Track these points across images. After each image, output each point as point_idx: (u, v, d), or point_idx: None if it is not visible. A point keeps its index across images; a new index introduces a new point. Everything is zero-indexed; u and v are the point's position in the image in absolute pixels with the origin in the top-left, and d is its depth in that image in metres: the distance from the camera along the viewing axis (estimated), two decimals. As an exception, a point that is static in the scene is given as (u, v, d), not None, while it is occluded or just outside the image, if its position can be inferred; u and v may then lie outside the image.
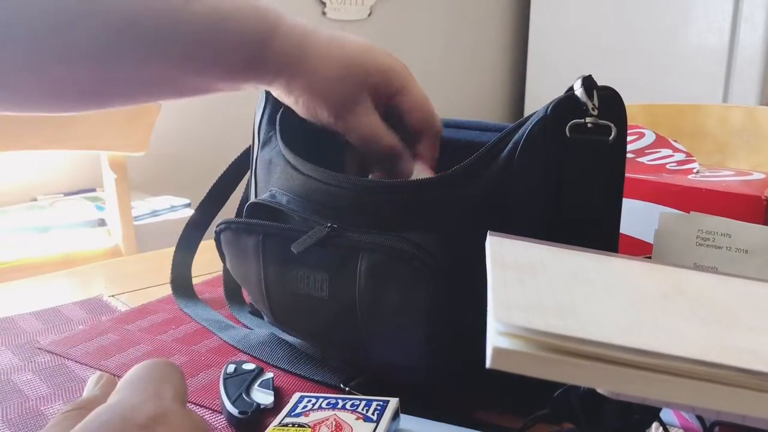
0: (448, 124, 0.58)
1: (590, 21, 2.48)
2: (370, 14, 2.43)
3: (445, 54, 2.68)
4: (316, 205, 0.51)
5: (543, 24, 2.65)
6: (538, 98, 2.64)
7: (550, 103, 0.46)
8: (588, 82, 0.46)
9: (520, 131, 0.47)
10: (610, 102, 0.46)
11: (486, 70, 2.85)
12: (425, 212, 0.48)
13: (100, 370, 0.57)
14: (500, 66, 2.89)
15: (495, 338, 0.25)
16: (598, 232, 0.46)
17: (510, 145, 0.47)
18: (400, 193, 0.49)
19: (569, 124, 0.45)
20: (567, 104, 0.45)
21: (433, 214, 0.48)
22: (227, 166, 0.67)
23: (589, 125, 0.45)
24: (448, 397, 0.50)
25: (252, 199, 0.57)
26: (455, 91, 2.75)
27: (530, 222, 0.46)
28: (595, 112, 0.45)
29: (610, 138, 0.45)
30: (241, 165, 0.67)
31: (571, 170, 0.46)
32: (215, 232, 0.57)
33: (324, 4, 2.31)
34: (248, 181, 0.63)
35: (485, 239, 0.40)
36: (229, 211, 0.63)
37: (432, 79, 2.64)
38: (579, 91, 0.45)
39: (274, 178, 0.56)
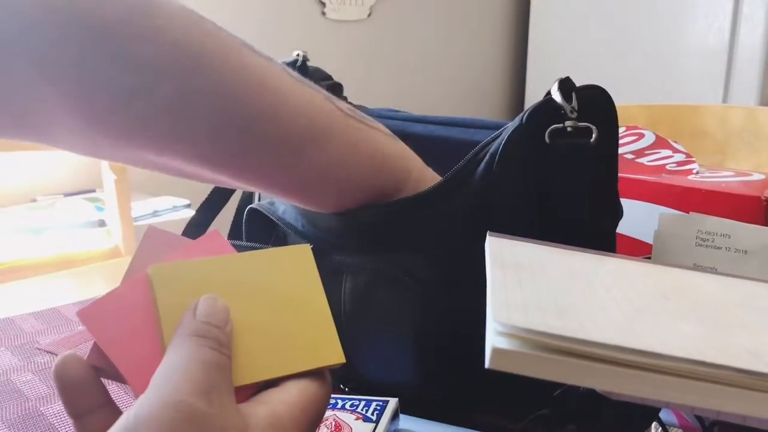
0: (442, 122, 0.57)
1: (590, 21, 2.48)
2: (369, 14, 2.43)
3: (445, 54, 2.68)
4: (306, 220, 0.51)
5: (543, 24, 2.65)
6: (538, 98, 2.64)
7: (527, 110, 0.45)
8: (564, 85, 0.44)
9: (497, 142, 0.45)
10: (592, 101, 0.44)
11: (486, 70, 2.85)
12: (409, 231, 0.47)
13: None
14: (500, 66, 2.89)
15: (494, 338, 0.25)
16: (592, 235, 0.45)
17: (487, 156, 0.45)
18: (382, 214, 0.47)
19: (548, 130, 0.43)
20: (544, 110, 0.44)
21: (417, 232, 0.47)
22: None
23: (568, 129, 0.43)
24: (448, 398, 0.50)
25: (255, 201, 0.57)
26: (455, 91, 2.75)
27: (518, 231, 0.44)
28: (574, 115, 0.43)
29: (591, 140, 0.43)
30: None
31: (555, 176, 0.44)
32: None
33: (324, 4, 2.31)
34: None
35: (471, 253, 0.39)
36: (231, 211, 0.63)
37: (432, 79, 2.64)
38: (556, 94, 0.44)
39: None
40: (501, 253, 0.36)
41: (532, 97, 2.72)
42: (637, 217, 0.59)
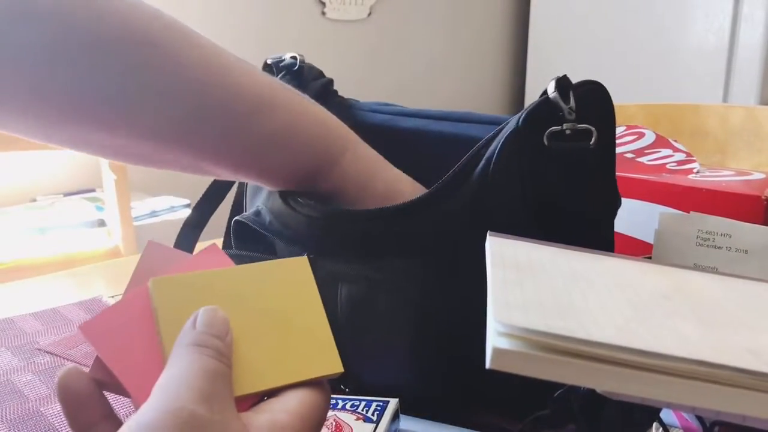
0: (434, 116, 0.55)
1: (590, 21, 2.48)
2: (369, 14, 2.43)
3: (444, 54, 2.68)
4: (293, 231, 0.49)
5: (543, 23, 2.65)
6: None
7: (523, 111, 0.43)
8: (562, 83, 0.42)
9: (494, 144, 0.44)
10: (590, 99, 0.42)
11: (486, 70, 2.85)
12: (403, 237, 0.46)
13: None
14: (500, 66, 2.89)
15: (495, 338, 0.25)
16: (590, 235, 0.44)
17: (483, 160, 0.44)
18: (374, 220, 0.46)
19: (546, 132, 0.42)
20: (541, 111, 0.42)
21: (412, 238, 0.46)
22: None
23: (567, 132, 0.42)
24: (448, 399, 0.50)
25: (244, 210, 0.57)
26: (455, 91, 2.75)
27: (515, 233, 0.42)
28: (572, 116, 0.42)
29: (591, 143, 0.42)
30: None
31: (553, 180, 0.43)
32: None
33: (324, 4, 2.31)
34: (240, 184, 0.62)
35: (468, 256, 0.39)
36: (226, 209, 0.63)
37: (431, 79, 2.64)
38: (553, 94, 0.42)
39: (261, 194, 0.54)
40: (501, 253, 0.36)
41: (532, 97, 2.71)
42: (638, 217, 0.59)
